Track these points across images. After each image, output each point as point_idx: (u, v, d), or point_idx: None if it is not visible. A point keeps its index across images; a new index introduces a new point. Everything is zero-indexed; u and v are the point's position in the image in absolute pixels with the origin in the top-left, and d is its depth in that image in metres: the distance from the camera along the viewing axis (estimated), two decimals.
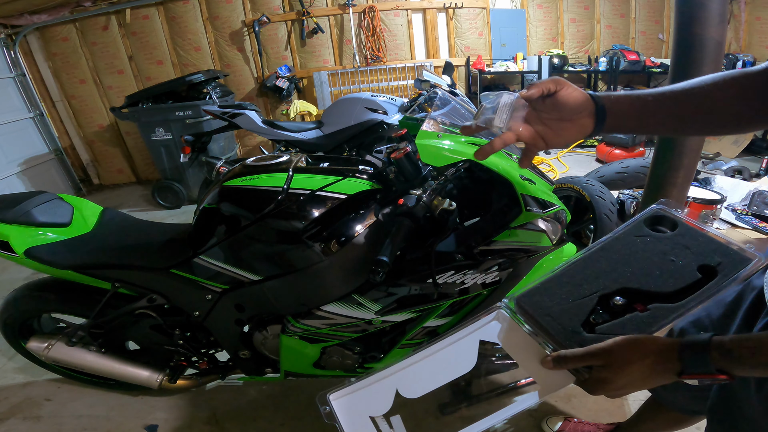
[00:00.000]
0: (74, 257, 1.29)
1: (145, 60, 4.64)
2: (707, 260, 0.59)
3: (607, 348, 0.54)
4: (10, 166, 4.18)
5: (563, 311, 0.62)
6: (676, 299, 0.58)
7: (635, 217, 0.69)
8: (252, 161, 1.26)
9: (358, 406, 0.66)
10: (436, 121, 1.20)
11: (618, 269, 0.63)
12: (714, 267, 0.58)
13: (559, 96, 0.63)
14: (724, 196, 1.92)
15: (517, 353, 0.64)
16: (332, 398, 0.67)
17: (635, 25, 5.25)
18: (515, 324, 0.65)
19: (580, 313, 0.61)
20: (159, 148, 3.83)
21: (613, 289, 0.62)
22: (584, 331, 0.60)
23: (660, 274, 0.61)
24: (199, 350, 1.48)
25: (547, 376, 0.60)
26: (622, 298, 0.61)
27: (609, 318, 0.60)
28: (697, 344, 0.50)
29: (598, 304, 0.62)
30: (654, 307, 0.59)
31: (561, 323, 0.61)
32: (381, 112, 3.05)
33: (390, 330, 1.30)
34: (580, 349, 0.57)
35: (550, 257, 1.27)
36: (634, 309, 0.60)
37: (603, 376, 0.55)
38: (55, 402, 1.73)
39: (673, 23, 1.50)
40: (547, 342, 0.62)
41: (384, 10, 4.67)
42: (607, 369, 0.54)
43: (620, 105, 0.64)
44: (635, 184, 2.32)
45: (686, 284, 0.59)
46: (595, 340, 0.57)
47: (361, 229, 1.14)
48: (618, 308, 0.61)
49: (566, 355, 0.57)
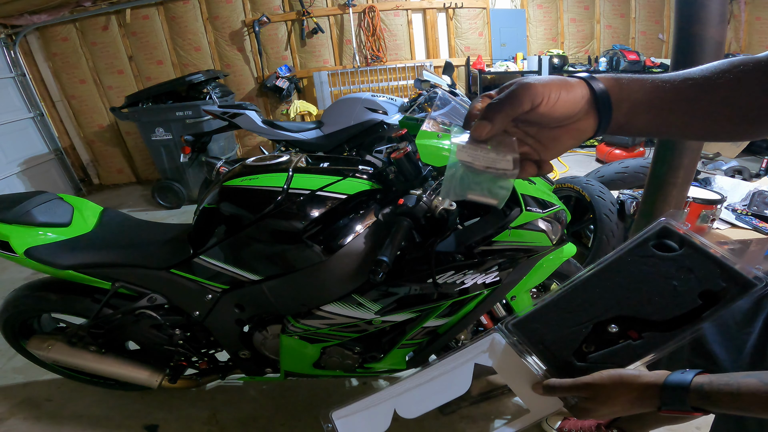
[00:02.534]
0: (74, 257, 1.29)
1: (145, 60, 4.64)
2: (710, 285, 0.57)
3: (592, 382, 0.57)
4: (10, 166, 4.18)
5: (557, 339, 0.63)
6: (672, 326, 0.58)
7: (641, 233, 0.65)
8: (252, 161, 1.26)
9: (358, 425, 0.69)
10: (436, 121, 1.20)
11: (617, 294, 0.62)
12: (716, 293, 0.57)
13: (542, 111, 0.45)
14: (724, 196, 1.92)
15: (511, 378, 0.67)
16: (335, 416, 0.70)
17: (635, 25, 5.25)
18: (510, 349, 0.67)
19: (573, 341, 0.63)
20: (159, 148, 3.83)
21: (608, 316, 0.62)
22: (576, 361, 0.62)
23: (659, 300, 0.60)
24: (199, 350, 1.48)
25: (538, 402, 0.64)
26: (617, 325, 0.61)
27: (602, 346, 0.61)
28: (677, 387, 0.54)
29: (593, 330, 0.62)
30: (647, 336, 0.59)
31: (554, 351, 0.63)
32: (381, 112, 3.05)
33: (390, 330, 1.30)
34: (568, 380, 0.60)
35: (550, 257, 1.27)
36: (628, 336, 0.61)
37: (588, 407, 0.59)
38: (55, 402, 1.73)
39: (673, 23, 1.50)
40: (539, 369, 0.65)
41: (384, 10, 4.68)
42: (591, 401, 0.58)
43: (631, 92, 0.47)
44: (635, 184, 2.32)
45: (684, 311, 0.58)
46: (585, 369, 0.60)
47: (361, 229, 1.14)
48: (612, 336, 0.61)
49: (555, 385, 0.61)
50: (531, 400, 0.65)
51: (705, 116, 0.47)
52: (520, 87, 0.44)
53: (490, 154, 0.46)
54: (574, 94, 0.45)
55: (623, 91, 0.47)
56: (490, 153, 0.46)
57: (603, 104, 0.46)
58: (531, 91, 0.43)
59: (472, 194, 0.48)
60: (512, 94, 0.44)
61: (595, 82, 0.46)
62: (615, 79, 0.47)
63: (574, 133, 0.48)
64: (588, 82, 0.46)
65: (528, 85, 0.44)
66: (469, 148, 0.46)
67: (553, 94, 0.44)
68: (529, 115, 0.45)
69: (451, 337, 1.30)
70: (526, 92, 0.43)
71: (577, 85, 0.46)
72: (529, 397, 0.65)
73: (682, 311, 0.58)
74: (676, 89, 0.46)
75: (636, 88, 0.47)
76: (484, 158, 0.46)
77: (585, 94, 0.46)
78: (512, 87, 0.45)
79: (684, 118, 0.47)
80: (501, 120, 0.44)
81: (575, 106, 0.46)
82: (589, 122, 0.47)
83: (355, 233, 1.14)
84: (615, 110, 0.47)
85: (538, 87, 0.43)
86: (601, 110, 0.46)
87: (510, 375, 0.67)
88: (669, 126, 0.48)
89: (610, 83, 0.47)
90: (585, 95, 0.46)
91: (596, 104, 0.46)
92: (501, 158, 0.46)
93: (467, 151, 0.46)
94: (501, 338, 0.69)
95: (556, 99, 0.44)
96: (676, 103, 0.46)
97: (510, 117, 0.44)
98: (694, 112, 0.46)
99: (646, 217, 1.73)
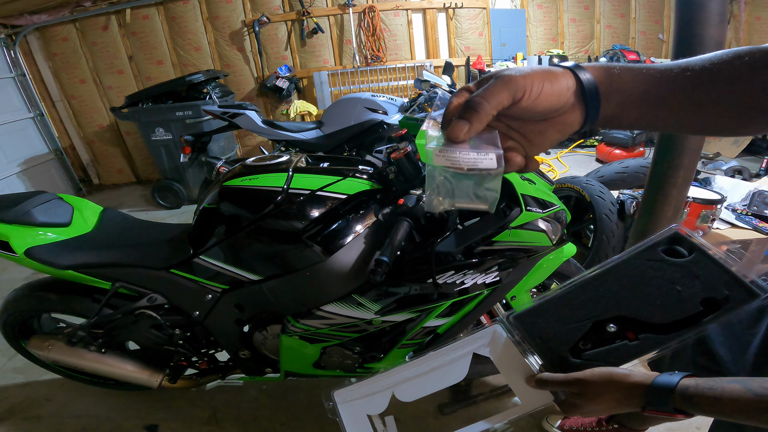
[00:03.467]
0: (74, 257, 1.29)
1: (145, 60, 4.64)
2: (713, 292, 0.58)
3: (582, 379, 0.58)
4: (10, 166, 4.18)
5: (555, 334, 0.65)
6: (671, 330, 0.59)
7: (652, 237, 0.66)
8: (252, 161, 1.26)
9: (357, 404, 0.72)
10: (436, 121, 1.20)
11: (620, 294, 0.63)
12: (718, 300, 0.57)
13: (524, 105, 0.41)
14: (724, 196, 1.92)
15: (506, 369, 0.69)
16: (336, 395, 0.73)
17: (635, 25, 5.25)
18: (509, 341, 0.69)
19: (570, 337, 0.64)
20: (159, 148, 3.83)
21: (608, 315, 0.63)
22: (570, 357, 0.63)
23: (661, 304, 0.60)
24: (199, 350, 1.48)
25: (530, 394, 0.66)
26: (616, 325, 0.62)
27: (599, 344, 0.63)
28: (663, 388, 0.55)
29: (592, 328, 0.63)
30: (643, 337, 0.60)
31: (551, 346, 0.64)
32: (381, 112, 3.05)
33: (390, 330, 1.30)
34: (560, 375, 0.61)
35: (550, 257, 1.27)
36: (625, 337, 0.62)
37: (575, 402, 0.60)
38: (55, 402, 1.73)
39: (673, 23, 1.50)
40: (535, 363, 0.66)
41: (384, 10, 4.68)
42: (579, 397, 0.59)
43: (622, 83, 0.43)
44: (635, 184, 2.32)
45: (684, 316, 0.58)
46: (578, 366, 0.61)
47: (361, 229, 1.14)
48: (610, 335, 0.62)
49: (547, 379, 0.62)
50: (523, 393, 0.67)
51: (702, 111, 0.42)
52: (500, 80, 0.40)
53: (471, 154, 0.41)
54: (558, 85, 0.41)
55: (614, 82, 0.43)
56: (470, 153, 0.41)
57: (591, 96, 0.42)
58: (511, 84, 0.40)
59: (459, 202, 0.44)
60: (491, 89, 0.40)
61: (582, 72, 0.42)
62: (605, 69, 0.43)
63: (559, 126, 0.44)
64: (574, 71, 0.42)
65: (508, 78, 0.40)
66: (446, 151, 0.42)
67: (535, 87, 0.40)
68: (510, 109, 0.41)
69: (451, 337, 1.30)
70: (506, 86, 0.40)
71: (562, 75, 0.42)
72: (522, 390, 0.67)
73: (682, 316, 0.58)
74: (672, 80, 0.42)
75: (628, 79, 0.43)
76: (465, 160, 0.41)
77: (571, 85, 0.42)
78: (491, 81, 0.41)
79: (679, 114, 0.43)
80: (480, 119, 0.40)
81: (560, 99, 0.42)
82: (575, 115, 0.43)
83: (355, 233, 1.14)
84: (603, 102, 0.43)
85: (519, 80, 0.40)
86: (588, 102, 0.42)
87: (507, 367, 0.69)
88: (663, 120, 0.45)
89: (599, 73, 0.43)
90: (571, 86, 0.42)
91: (583, 96, 0.42)
92: (483, 157, 0.41)
93: (445, 154, 0.42)
94: (502, 331, 0.70)
95: (539, 91, 0.40)
96: (672, 97, 0.42)
97: (490, 115, 0.41)
98: (690, 107, 0.43)
99: (646, 217, 1.73)
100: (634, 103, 0.43)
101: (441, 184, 0.43)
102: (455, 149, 0.41)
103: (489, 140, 0.43)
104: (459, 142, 0.41)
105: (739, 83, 0.41)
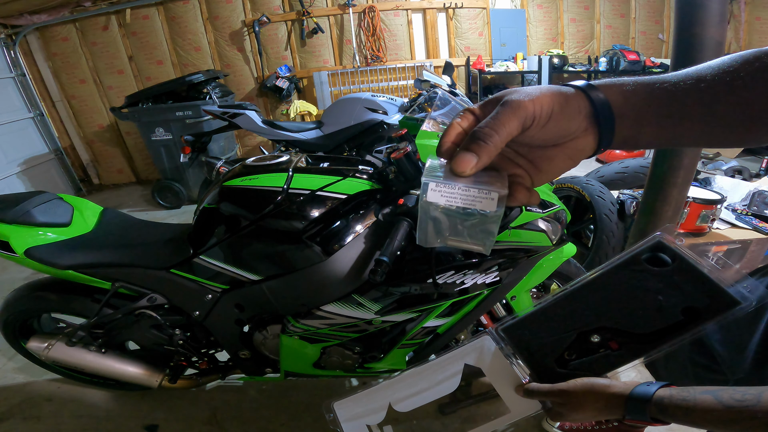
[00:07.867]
0: (74, 257, 1.29)
1: (145, 60, 4.64)
2: (694, 302, 0.58)
3: (565, 390, 0.62)
4: (10, 166, 4.18)
5: (542, 346, 0.67)
6: (652, 339, 0.60)
7: (635, 246, 0.66)
8: (252, 161, 1.26)
9: (357, 414, 0.75)
10: (436, 121, 1.20)
11: (604, 305, 0.65)
12: (698, 309, 0.58)
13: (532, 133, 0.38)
14: (724, 196, 1.92)
15: (496, 379, 0.72)
16: (336, 406, 0.76)
17: (635, 25, 5.25)
18: (498, 352, 0.72)
19: (557, 348, 0.66)
20: (159, 148, 3.83)
21: (592, 326, 0.64)
22: (557, 367, 0.66)
23: (642, 314, 0.61)
24: (199, 350, 1.48)
25: (519, 403, 0.70)
26: (600, 336, 0.64)
27: (583, 354, 0.65)
28: (639, 399, 0.58)
29: (577, 339, 0.65)
30: (625, 347, 0.62)
31: (538, 357, 0.67)
32: (381, 112, 3.05)
33: (390, 330, 1.30)
34: (546, 385, 0.64)
35: (550, 257, 1.27)
36: (609, 347, 0.64)
37: (560, 411, 0.63)
38: (55, 402, 1.73)
39: (673, 23, 1.50)
40: (523, 373, 0.69)
41: (384, 10, 4.68)
42: (563, 406, 0.62)
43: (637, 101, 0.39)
44: (635, 184, 2.32)
45: (665, 326, 0.59)
46: (564, 376, 0.64)
47: (361, 229, 1.14)
48: (593, 345, 0.64)
49: (534, 389, 0.65)
50: (513, 402, 0.71)
51: (722, 124, 0.39)
52: (508, 108, 0.37)
53: (471, 190, 0.37)
54: (569, 108, 0.38)
55: (628, 100, 0.39)
56: (470, 189, 0.37)
57: (605, 119, 0.38)
58: (520, 111, 0.36)
59: (453, 240, 0.41)
60: (500, 119, 0.36)
61: (594, 92, 0.38)
62: (618, 86, 0.39)
63: (570, 152, 0.40)
64: (586, 92, 0.39)
65: (517, 104, 0.36)
66: (443, 185, 0.38)
67: (544, 111, 0.37)
68: (518, 137, 0.38)
69: (451, 337, 1.30)
70: (515, 114, 0.36)
71: (573, 97, 0.38)
72: (511, 399, 0.70)
73: (663, 325, 0.59)
74: (687, 93, 0.38)
75: (643, 95, 0.39)
76: (463, 197, 0.38)
77: (583, 107, 0.38)
78: (498, 108, 0.37)
79: (697, 128, 0.39)
80: (489, 152, 0.36)
81: (571, 123, 0.38)
82: (587, 140, 0.40)
83: (355, 233, 1.14)
84: (618, 124, 0.39)
85: (528, 105, 0.36)
86: (602, 125, 0.39)
87: (496, 377, 0.72)
88: (680, 137, 0.40)
89: (612, 92, 0.39)
90: (582, 109, 0.38)
91: (596, 119, 0.38)
92: (485, 196, 0.37)
93: (441, 190, 0.38)
94: (491, 342, 0.73)
95: (548, 116, 0.37)
96: (690, 111, 0.38)
97: (499, 148, 0.37)
98: (710, 120, 0.38)
99: (646, 217, 1.73)
100: (651, 121, 0.39)
101: (434, 219, 0.40)
102: (455, 183, 0.38)
103: (495, 179, 0.39)
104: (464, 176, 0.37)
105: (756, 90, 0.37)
